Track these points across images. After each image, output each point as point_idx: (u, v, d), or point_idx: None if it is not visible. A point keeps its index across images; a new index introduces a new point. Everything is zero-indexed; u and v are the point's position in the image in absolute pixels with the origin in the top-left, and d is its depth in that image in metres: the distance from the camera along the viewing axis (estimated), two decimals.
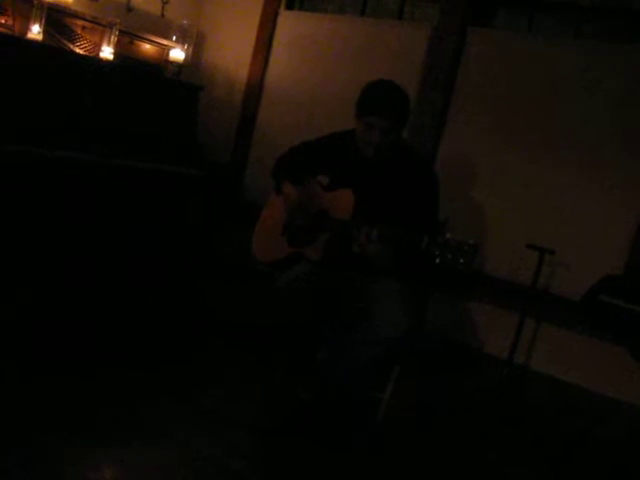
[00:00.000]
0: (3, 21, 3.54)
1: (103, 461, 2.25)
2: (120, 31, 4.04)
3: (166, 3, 4.43)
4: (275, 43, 4.67)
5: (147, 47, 4.37)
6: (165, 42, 4.43)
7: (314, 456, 2.63)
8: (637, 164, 3.34)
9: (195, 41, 4.71)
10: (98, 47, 3.96)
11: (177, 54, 4.42)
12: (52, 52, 3.55)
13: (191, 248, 4.25)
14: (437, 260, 2.33)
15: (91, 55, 3.92)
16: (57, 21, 3.74)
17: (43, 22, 3.58)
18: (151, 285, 3.90)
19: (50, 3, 3.60)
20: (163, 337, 3.43)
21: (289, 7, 4.71)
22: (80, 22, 3.87)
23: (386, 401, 2.91)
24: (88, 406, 2.56)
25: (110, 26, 3.97)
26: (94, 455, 2.26)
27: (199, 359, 3.29)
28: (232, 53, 4.84)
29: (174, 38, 4.45)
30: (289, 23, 4.62)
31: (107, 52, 3.95)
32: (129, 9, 4.26)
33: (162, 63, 4.46)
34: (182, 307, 3.89)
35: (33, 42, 3.51)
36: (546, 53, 3.61)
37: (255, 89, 4.71)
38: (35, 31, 3.55)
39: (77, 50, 3.87)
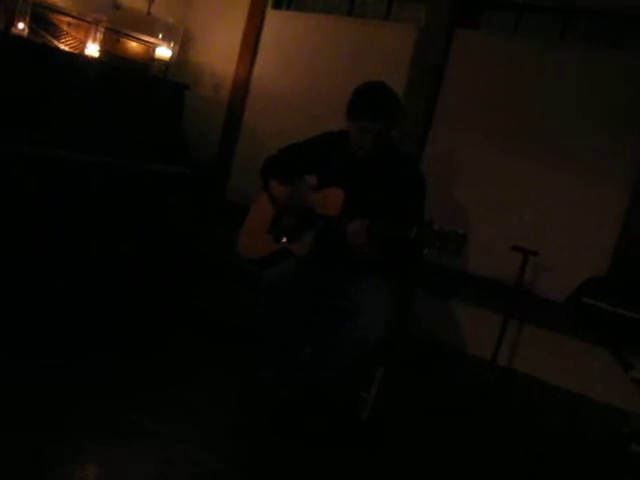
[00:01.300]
0: None
1: (83, 457, 2.24)
2: (106, 28, 4.03)
3: (152, 1, 4.40)
4: (262, 42, 4.66)
5: (133, 45, 4.35)
6: (151, 40, 4.41)
7: (295, 455, 2.63)
8: (622, 166, 3.36)
9: (181, 39, 4.69)
10: (83, 44, 3.94)
11: (163, 52, 4.41)
12: (36, 48, 3.52)
13: (176, 246, 4.23)
14: (426, 250, 2.34)
15: (76, 52, 3.90)
16: (42, 17, 3.71)
17: (28, 18, 3.56)
18: (135, 283, 3.88)
19: None
20: (146, 334, 3.42)
21: (276, 6, 4.70)
22: (65, 19, 3.85)
23: (370, 401, 2.92)
24: (70, 401, 2.55)
25: (96, 23, 3.95)
26: (75, 451, 2.25)
27: (183, 356, 3.28)
28: (218, 52, 4.83)
29: (160, 36, 4.43)
30: (276, 22, 4.61)
31: (93, 49, 3.93)
32: (115, 6, 4.23)
33: (148, 61, 4.44)
34: (166, 305, 3.88)
35: (17, 38, 3.48)
36: (532, 55, 3.63)
37: (241, 88, 4.70)
38: (20, 27, 3.52)
39: (62, 47, 3.84)
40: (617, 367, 2.95)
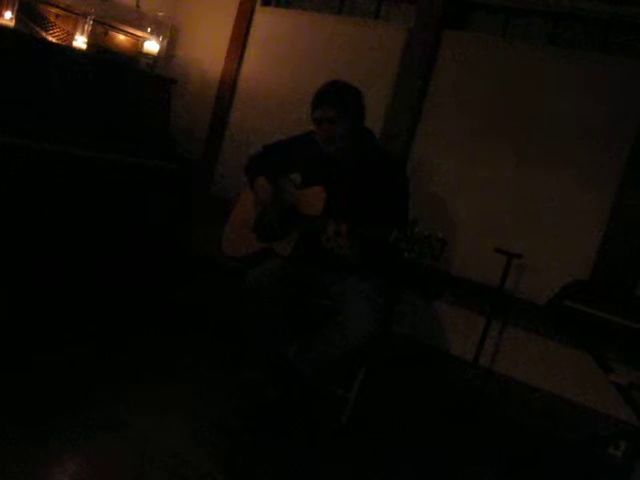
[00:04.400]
0: None
1: (63, 453, 2.22)
2: (94, 21, 4.00)
3: None
4: (250, 39, 4.65)
5: (121, 38, 4.33)
6: (140, 34, 4.39)
7: (278, 453, 2.63)
8: (605, 172, 3.38)
9: (170, 34, 4.67)
10: (71, 36, 3.91)
11: (151, 46, 4.39)
12: (23, 39, 3.49)
13: (160, 243, 4.21)
14: (405, 254, 2.34)
15: (64, 44, 3.87)
16: (30, 8, 3.68)
17: (16, 9, 3.53)
18: (119, 280, 3.86)
19: None
20: (129, 328, 3.41)
21: (265, 3, 4.69)
22: (54, 10, 3.82)
23: (352, 400, 2.92)
24: (49, 397, 2.54)
25: (84, 15, 3.92)
26: (53, 447, 2.24)
27: (166, 353, 3.27)
28: (207, 47, 4.81)
29: (149, 30, 4.41)
30: (265, 19, 4.60)
31: (80, 41, 3.90)
32: None
33: (136, 55, 4.42)
34: (151, 302, 3.86)
35: (4, 28, 3.45)
36: (520, 57, 3.64)
37: (229, 85, 4.69)
38: (7, 17, 3.49)
39: (50, 38, 3.82)
40: (597, 370, 2.97)
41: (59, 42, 3.86)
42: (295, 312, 2.93)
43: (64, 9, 3.86)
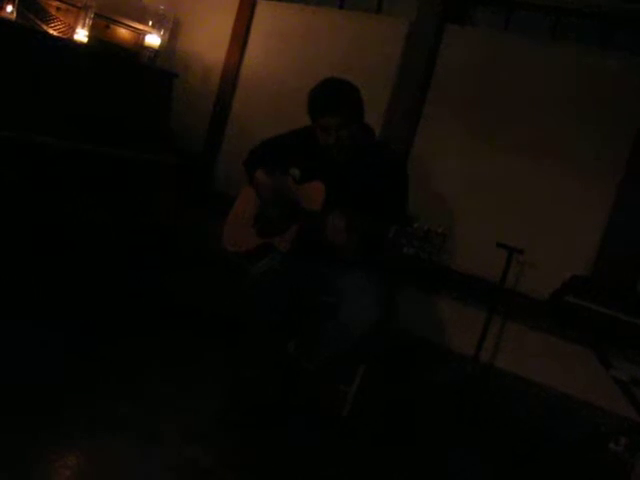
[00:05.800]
0: None
1: (63, 450, 2.22)
2: (95, 14, 3.99)
3: None
4: (252, 33, 4.63)
5: (122, 31, 4.32)
6: (141, 27, 4.38)
7: (280, 449, 2.63)
8: (607, 167, 3.37)
9: (171, 27, 4.66)
10: (72, 29, 3.90)
11: (153, 40, 4.37)
12: (24, 32, 3.48)
13: (159, 238, 4.20)
14: (405, 249, 2.34)
15: (65, 37, 3.86)
16: (31, 1, 3.67)
17: (17, 2, 3.52)
18: (118, 277, 3.86)
19: None
20: (129, 326, 3.41)
21: None
22: (54, 3, 3.81)
23: (352, 395, 2.92)
24: (49, 395, 2.53)
25: (85, 8, 3.91)
26: (53, 445, 2.24)
27: (167, 350, 3.27)
28: (208, 41, 4.80)
29: (150, 23, 4.40)
30: (267, 13, 4.59)
31: (81, 35, 3.89)
32: None
33: (137, 48, 4.41)
34: (150, 298, 3.86)
35: (5, 21, 3.44)
36: (522, 52, 3.63)
37: (230, 78, 4.67)
38: (8, 10, 3.48)
39: (51, 31, 3.81)
40: (598, 366, 2.96)
41: (60, 35, 3.85)
42: (295, 307, 2.93)
43: (65, 2, 3.85)
